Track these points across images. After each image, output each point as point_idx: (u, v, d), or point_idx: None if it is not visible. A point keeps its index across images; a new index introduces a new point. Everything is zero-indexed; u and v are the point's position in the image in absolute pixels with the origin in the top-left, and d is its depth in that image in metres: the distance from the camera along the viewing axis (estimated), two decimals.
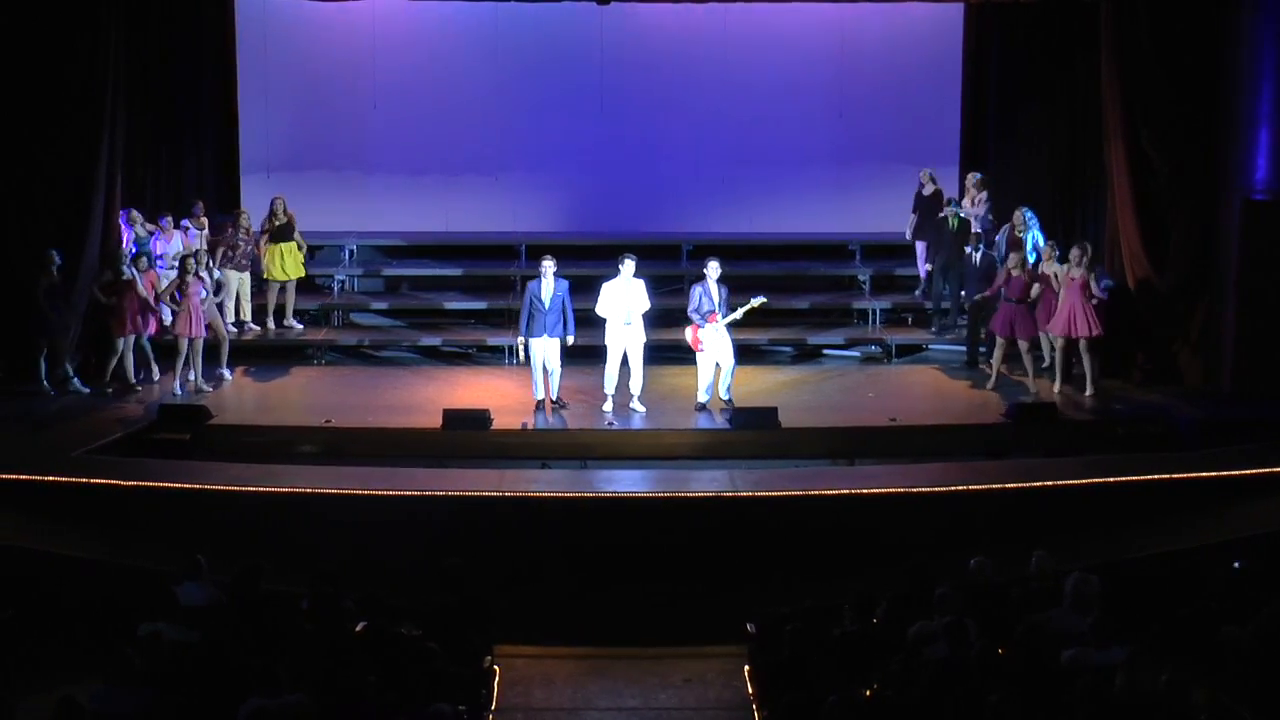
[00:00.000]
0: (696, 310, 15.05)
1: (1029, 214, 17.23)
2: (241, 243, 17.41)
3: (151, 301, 15.90)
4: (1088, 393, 15.67)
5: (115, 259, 16.03)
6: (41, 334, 15.69)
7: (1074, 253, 15.70)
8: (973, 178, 18.23)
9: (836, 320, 18.65)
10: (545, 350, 15.03)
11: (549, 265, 15.00)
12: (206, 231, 17.59)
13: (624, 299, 15.09)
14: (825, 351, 18.01)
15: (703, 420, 15.07)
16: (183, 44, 18.65)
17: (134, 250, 16.56)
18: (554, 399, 15.19)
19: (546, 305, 14.93)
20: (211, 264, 16.74)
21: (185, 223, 17.52)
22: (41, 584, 11.62)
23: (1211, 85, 15.87)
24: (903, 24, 19.33)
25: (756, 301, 15.23)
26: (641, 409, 15.20)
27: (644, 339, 15.20)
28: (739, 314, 15.07)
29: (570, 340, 15.09)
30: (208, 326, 15.99)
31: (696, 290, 15.14)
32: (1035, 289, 15.73)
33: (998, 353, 16.00)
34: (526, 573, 12.18)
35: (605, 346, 15.23)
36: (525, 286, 15.31)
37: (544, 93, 19.85)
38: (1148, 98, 16.07)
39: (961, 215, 17.54)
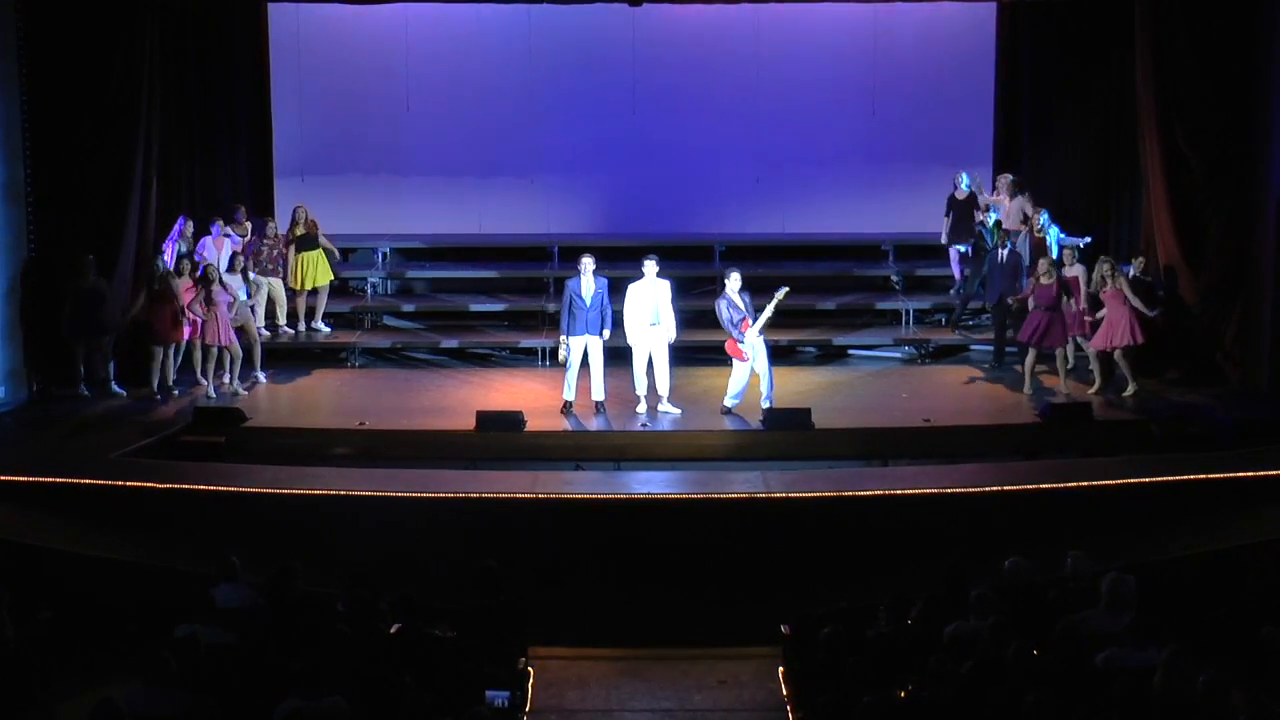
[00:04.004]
0: (730, 322, 14.97)
1: (1045, 216, 17.17)
2: (266, 248, 17.47)
3: (189, 310, 15.99)
4: (1127, 392, 15.58)
5: (151, 267, 16.13)
6: (74, 338, 15.81)
7: (1103, 267, 15.60)
8: (1003, 179, 18.15)
9: (869, 321, 18.60)
10: (587, 349, 15.05)
11: (588, 263, 15.02)
12: (248, 237, 17.66)
13: (649, 300, 15.09)
14: (861, 353, 17.95)
15: (736, 421, 15.04)
16: (217, 50, 18.72)
17: (172, 259, 16.65)
18: (599, 400, 15.19)
19: (587, 303, 14.95)
20: (250, 269, 16.84)
21: (229, 229, 17.61)
22: (79, 586, 11.69)
23: (1248, 82, 15.77)
24: (935, 23, 19.30)
25: (780, 294, 15.04)
26: (675, 410, 15.20)
27: (671, 339, 15.20)
28: (768, 313, 14.96)
29: (606, 335, 15.09)
30: (240, 331, 16.09)
31: (721, 304, 14.98)
32: (1072, 303, 15.64)
33: (1029, 360, 15.90)
34: (560, 574, 12.19)
35: (630, 348, 15.24)
36: (563, 286, 15.32)
37: (576, 94, 19.89)
38: (1183, 95, 15.99)
39: (996, 219, 17.48)
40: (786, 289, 15.18)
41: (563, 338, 15.16)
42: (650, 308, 15.08)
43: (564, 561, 12.34)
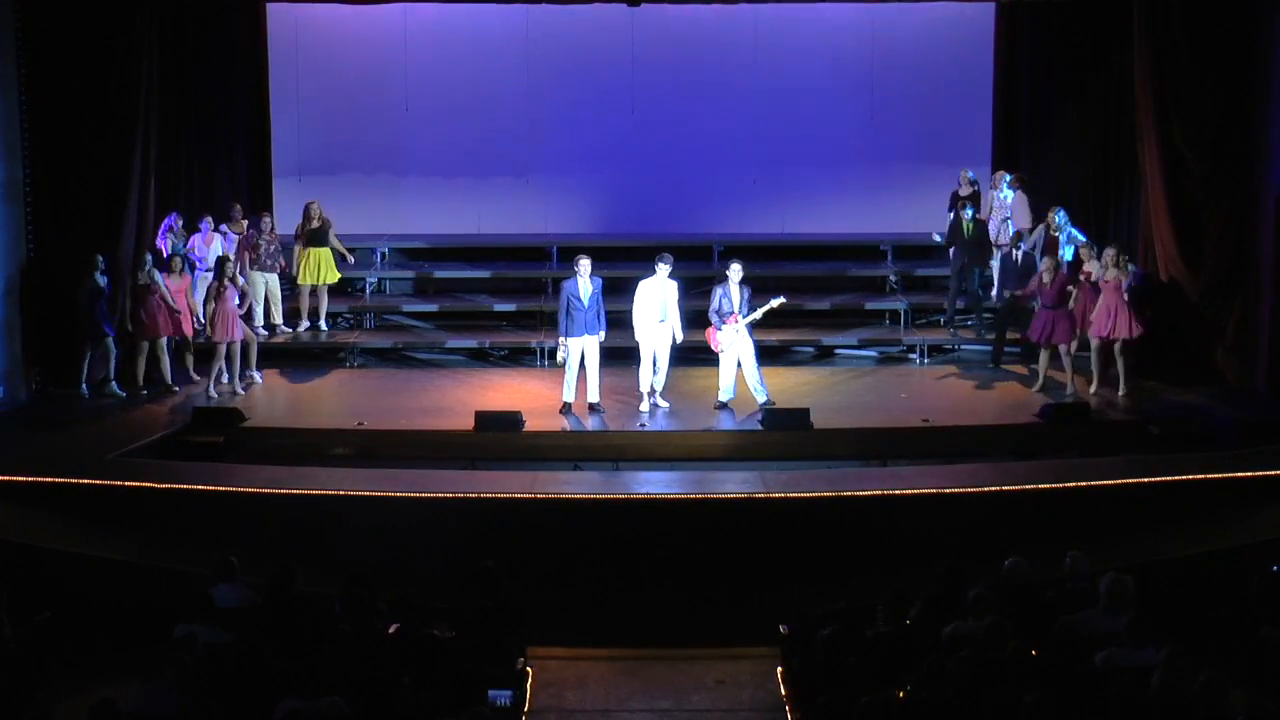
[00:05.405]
0: (716, 312, 15.09)
1: (1061, 214, 17.17)
2: (264, 243, 17.46)
3: (176, 305, 15.94)
4: (1121, 393, 15.59)
5: (139, 264, 16.11)
6: (87, 335, 15.80)
7: (1108, 254, 15.62)
8: (1000, 177, 18.17)
9: (868, 320, 18.60)
10: (585, 349, 15.07)
11: (585, 264, 15.04)
12: (243, 235, 17.65)
13: (658, 298, 15.14)
14: (858, 352, 17.97)
15: (734, 422, 15.06)
16: (215, 50, 18.76)
17: (166, 255, 16.67)
18: (594, 401, 15.21)
19: (585, 304, 14.97)
20: (244, 267, 16.80)
21: (224, 227, 17.61)
22: (77, 586, 11.70)
23: (1246, 83, 15.77)
24: (934, 24, 19.30)
25: (775, 302, 15.20)
26: (664, 404, 15.29)
27: (679, 340, 15.29)
28: (758, 314, 15.06)
29: (602, 336, 15.13)
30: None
31: (717, 292, 15.19)
32: (1074, 296, 15.65)
33: (1043, 357, 15.90)
34: (559, 574, 12.19)
35: (637, 345, 15.29)
36: (559, 287, 15.34)
37: (575, 94, 19.91)
38: (1181, 95, 15.99)
39: (974, 219, 17.48)
40: (783, 299, 15.28)
41: (561, 339, 15.18)
42: (659, 305, 15.15)
43: (563, 561, 12.34)
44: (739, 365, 15.18)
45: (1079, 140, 18.62)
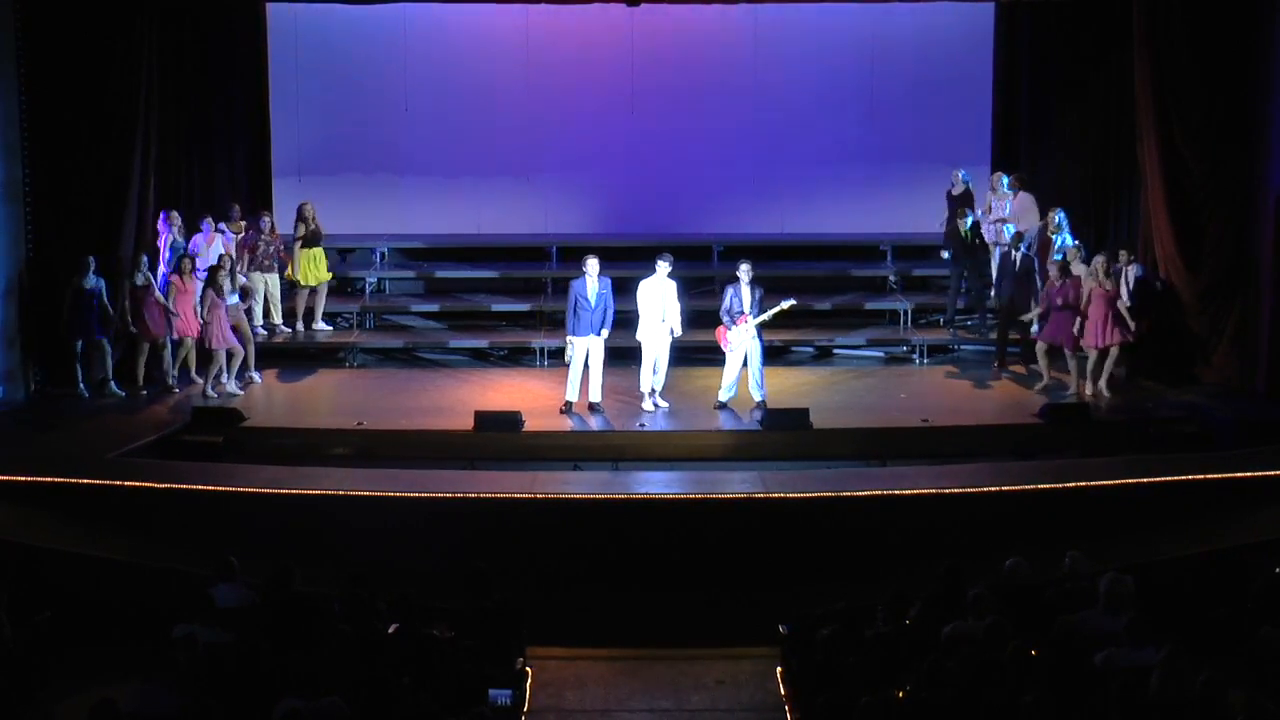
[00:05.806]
0: (727, 311, 15.13)
1: (1062, 215, 17.16)
2: (263, 243, 17.45)
3: (175, 308, 15.92)
4: (1114, 394, 15.58)
5: (136, 264, 16.09)
6: (71, 336, 15.80)
7: (1098, 261, 15.61)
8: (998, 178, 18.13)
9: (867, 321, 18.60)
10: (590, 348, 15.11)
11: (594, 264, 15.08)
12: (242, 234, 17.64)
13: (658, 297, 15.17)
14: (858, 352, 17.98)
15: (734, 421, 15.06)
16: (215, 50, 18.74)
17: (170, 254, 16.66)
18: (595, 401, 15.22)
19: (592, 303, 15.02)
20: (237, 270, 16.78)
21: (222, 226, 17.60)
22: (77, 586, 11.69)
23: (1246, 83, 15.78)
24: (933, 23, 19.28)
25: (786, 304, 15.25)
26: (663, 404, 15.32)
27: (674, 337, 15.31)
28: (768, 316, 15.11)
29: (605, 334, 15.16)
30: (234, 329, 16.04)
31: (728, 291, 15.24)
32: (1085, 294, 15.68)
33: (1042, 358, 15.90)
34: (558, 574, 12.19)
35: (639, 345, 15.32)
36: (566, 286, 15.37)
37: (575, 94, 19.88)
38: (1181, 96, 15.99)
39: (971, 221, 17.48)
40: (794, 302, 15.32)
41: (569, 338, 15.20)
42: (660, 304, 15.19)
43: (563, 562, 12.34)
44: (744, 365, 15.19)
45: (1079, 140, 18.62)
